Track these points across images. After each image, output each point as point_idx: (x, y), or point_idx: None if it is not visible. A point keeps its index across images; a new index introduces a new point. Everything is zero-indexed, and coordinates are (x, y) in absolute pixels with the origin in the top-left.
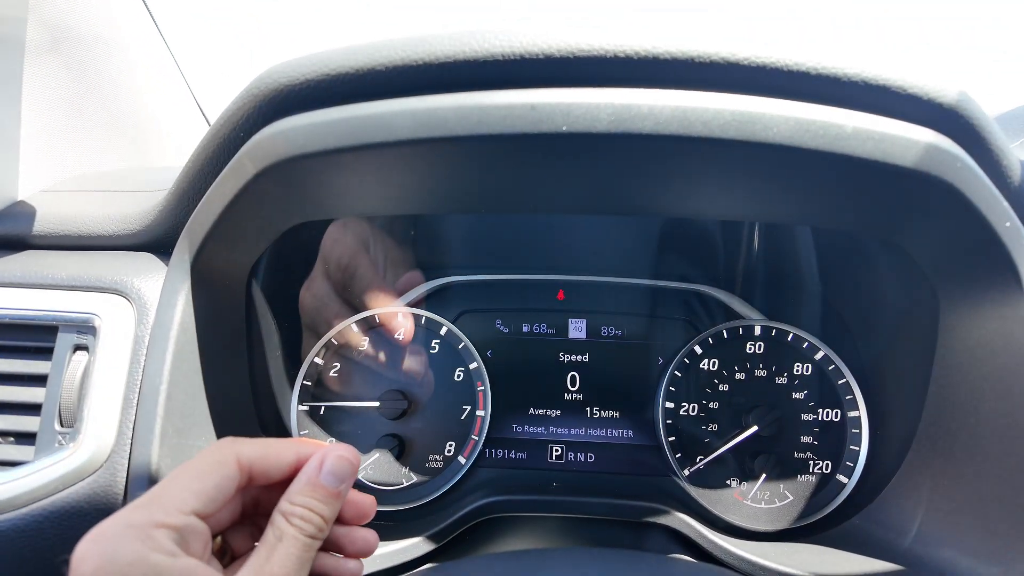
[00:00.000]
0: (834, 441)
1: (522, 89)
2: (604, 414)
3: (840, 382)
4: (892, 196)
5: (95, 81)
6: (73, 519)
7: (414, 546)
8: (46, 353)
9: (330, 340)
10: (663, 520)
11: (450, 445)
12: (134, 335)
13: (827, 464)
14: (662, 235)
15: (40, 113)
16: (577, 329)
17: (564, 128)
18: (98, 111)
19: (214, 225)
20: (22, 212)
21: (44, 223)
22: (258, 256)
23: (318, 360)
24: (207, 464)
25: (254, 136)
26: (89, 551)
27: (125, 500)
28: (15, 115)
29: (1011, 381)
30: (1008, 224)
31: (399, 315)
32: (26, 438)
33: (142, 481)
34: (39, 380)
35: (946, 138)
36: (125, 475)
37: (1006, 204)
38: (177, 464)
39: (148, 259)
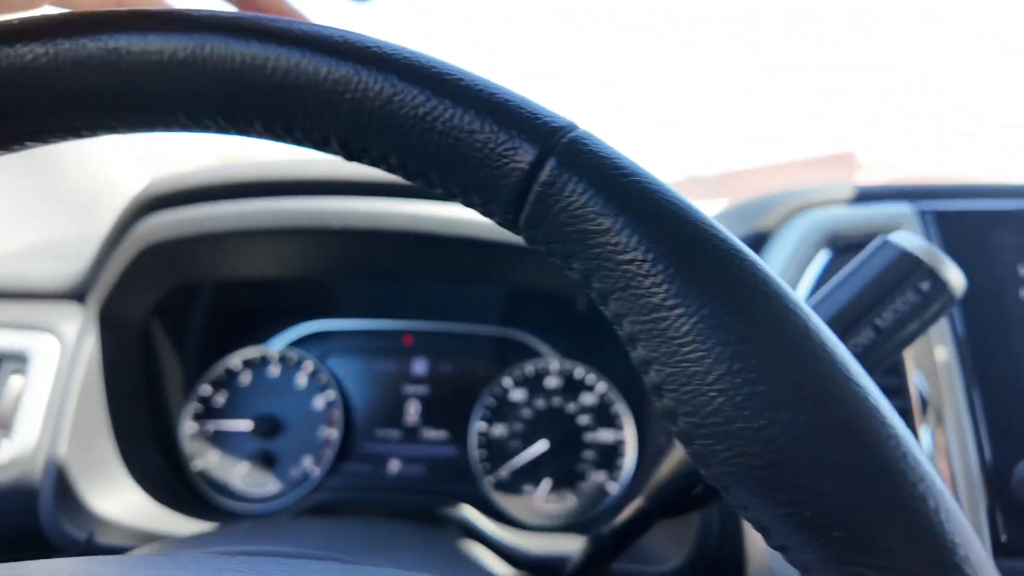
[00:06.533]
0: (608, 457)
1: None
2: (434, 435)
3: (613, 408)
4: None
5: (57, 177)
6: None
7: None
8: None
9: (218, 371)
10: (456, 513)
11: (308, 459)
12: (57, 364)
13: (602, 474)
14: (485, 294)
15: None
16: (418, 367)
17: (333, 224)
18: (57, 193)
19: (113, 285)
20: None
21: None
22: (149, 307)
23: (208, 387)
24: None
25: (135, 226)
26: None
27: (40, 484)
28: None
29: None
30: None
31: (275, 355)
32: None
33: (52, 471)
34: None
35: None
36: (42, 467)
37: None
38: (82, 460)
39: (73, 306)
